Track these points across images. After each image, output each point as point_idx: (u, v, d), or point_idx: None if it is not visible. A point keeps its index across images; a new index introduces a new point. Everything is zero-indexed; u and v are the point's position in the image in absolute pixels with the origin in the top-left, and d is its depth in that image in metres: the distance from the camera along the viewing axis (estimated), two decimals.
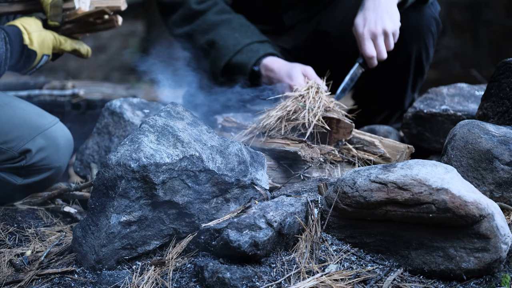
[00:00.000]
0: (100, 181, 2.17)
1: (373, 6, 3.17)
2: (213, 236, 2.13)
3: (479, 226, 2.02)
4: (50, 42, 2.72)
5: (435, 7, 3.49)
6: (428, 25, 3.46)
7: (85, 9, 2.72)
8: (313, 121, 2.65)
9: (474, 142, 2.31)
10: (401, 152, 2.71)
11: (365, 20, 3.16)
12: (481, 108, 2.70)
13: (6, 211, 2.66)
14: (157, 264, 2.17)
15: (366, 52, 3.14)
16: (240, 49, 3.36)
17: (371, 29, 3.13)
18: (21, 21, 2.68)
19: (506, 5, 8.02)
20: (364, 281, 2.05)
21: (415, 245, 2.10)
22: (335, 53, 3.56)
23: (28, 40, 2.65)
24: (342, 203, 2.15)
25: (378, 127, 3.26)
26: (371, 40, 3.15)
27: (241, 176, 2.28)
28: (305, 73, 3.21)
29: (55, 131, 2.65)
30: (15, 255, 2.37)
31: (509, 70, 2.61)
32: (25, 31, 2.66)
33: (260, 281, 2.03)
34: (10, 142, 2.57)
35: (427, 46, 3.51)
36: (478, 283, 2.05)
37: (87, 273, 2.20)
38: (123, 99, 3.14)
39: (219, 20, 3.43)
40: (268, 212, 2.14)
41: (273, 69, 3.29)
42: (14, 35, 2.63)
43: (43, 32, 2.70)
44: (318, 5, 3.59)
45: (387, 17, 3.14)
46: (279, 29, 3.62)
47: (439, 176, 2.06)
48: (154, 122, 2.25)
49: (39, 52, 2.68)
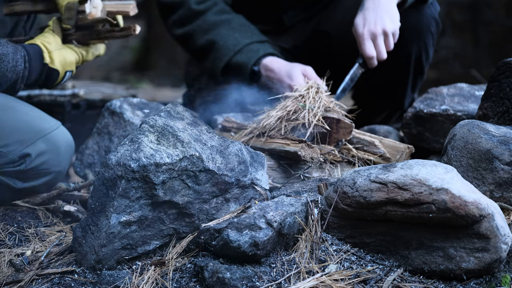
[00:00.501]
0: (100, 181, 2.18)
1: (373, 6, 3.16)
2: (213, 236, 2.13)
3: (479, 226, 2.02)
4: (72, 59, 2.73)
5: (434, 7, 3.49)
6: (427, 25, 3.46)
7: (96, 14, 2.71)
8: (313, 121, 2.65)
9: (474, 142, 2.31)
10: (401, 152, 2.71)
11: (365, 20, 3.16)
12: (481, 108, 2.70)
13: (6, 211, 2.66)
14: (157, 264, 2.17)
15: (366, 52, 3.14)
16: (240, 49, 3.36)
17: (371, 29, 3.13)
18: (41, 40, 2.70)
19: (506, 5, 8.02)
20: (364, 281, 2.05)
21: (415, 245, 2.10)
22: (335, 53, 3.56)
23: (49, 59, 2.68)
24: (342, 203, 2.15)
25: (378, 127, 3.25)
26: (371, 40, 3.14)
27: (241, 176, 2.28)
28: (305, 73, 3.21)
29: (56, 135, 2.65)
30: (15, 255, 2.37)
31: (509, 70, 2.61)
32: (46, 49, 2.68)
33: (260, 281, 2.03)
34: (10, 146, 2.57)
35: (427, 46, 3.51)
36: (478, 283, 2.05)
37: (87, 273, 2.20)
38: (123, 99, 3.14)
39: (219, 20, 3.43)
40: (268, 212, 2.14)
41: (273, 69, 3.29)
42: (35, 54, 2.65)
43: (63, 50, 2.72)
44: (317, 5, 3.59)
45: (387, 17, 3.14)
46: (279, 29, 3.62)
47: (439, 176, 2.06)
48: (154, 122, 2.25)
49: (62, 70, 2.71)
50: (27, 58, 2.62)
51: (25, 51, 2.63)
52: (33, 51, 2.65)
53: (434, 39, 3.52)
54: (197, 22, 3.46)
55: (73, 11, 2.72)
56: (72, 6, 2.72)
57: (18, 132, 2.59)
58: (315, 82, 2.82)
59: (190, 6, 3.47)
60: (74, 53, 2.74)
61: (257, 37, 3.40)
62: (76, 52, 2.75)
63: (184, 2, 3.48)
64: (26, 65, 2.62)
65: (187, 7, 3.48)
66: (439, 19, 3.53)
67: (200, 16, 3.46)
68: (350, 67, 3.23)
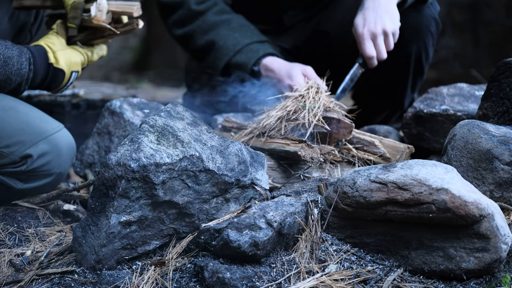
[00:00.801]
0: (100, 181, 2.17)
1: (373, 6, 3.16)
2: (213, 236, 2.13)
3: (479, 226, 2.02)
4: (78, 59, 2.73)
5: (434, 7, 3.49)
6: (427, 25, 3.45)
7: (101, 17, 2.70)
8: (313, 121, 2.65)
9: (474, 142, 2.31)
10: (401, 152, 2.71)
11: (364, 20, 3.16)
12: (481, 108, 2.70)
13: (6, 211, 2.66)
14: (157, 264, 2.17)
15: (366, 52, 3.14)
16: (240, 49, 3.36)
17: (371, 29, 3.13)
18: (45, 41, 2.70)
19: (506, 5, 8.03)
20: (364, 281, 2.05)
21: (415, 245, 2.10)
22: (335, 53, 3.55)
23: (54, 59, 2.67)
24: (342, 203, 2.15)
25: (378, 127, 3.25)
26: (371, 40, 3.14)
27: (241, 176, 2.28)
28: (305, 73, 3.21)
29: (58, 137, 2.65)
30: (15, 255, 2.37)
31: (509, 70, 2.61)
32: (50, 50, 2.68)
33: (260, 281, 2.03)
34: (12, 146, 2.57)
35: (427, 46, 3.50)
36: (478, 283, 2.05)
37: (87, 273, 2.20)
38: (123, 99, 3.13)
39: (219, 20, 3.43)
40: (268, 212, 2.14)
41: (273, 69, 3.29)
42: (39, 55, 2.65)
43: (68, 50, 2.71)
44: (317, 5, 3.59)
45: (387, 17, 3.14)
46: (279, 29, 3.62)
47: (439, 176, 2.06)
48: (154, 122, 2.25)
49: (67, 70, 2.71)
50: (32, 60, 2.62)
51: (30, 53, 2.62)
52: (38, 52, 2.65)
53: (434, 39, 3.52)
54: (197, 22, 3.46)
55: (78, 11, 2.71)
56: (78, 6, 2.71)
57: (19, 133, 2.59)
58: (315, 82, 2.82)
59: (190, 6, 3.47)
60: (79, 53, 2.74)
61: (257, 37, 3.40)
62: (81, 53, 2.75)
63: (184, 2, 3.48)
64: (30, 67, 2.62)
65: (187, 7, 3.48)
66: (439, 19, 3.53)
67: (200, 16, 3.46)
68: (350, 67, 3.23)
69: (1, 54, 2.54)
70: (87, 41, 2.78)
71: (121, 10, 2.75)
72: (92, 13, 2.70)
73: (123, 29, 2.77)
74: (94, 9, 2.70)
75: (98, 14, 2.70)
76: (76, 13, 2.71)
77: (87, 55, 2.77)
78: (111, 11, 2.74)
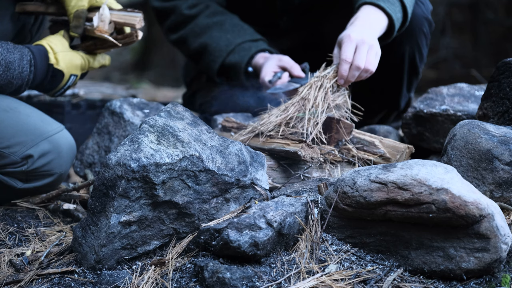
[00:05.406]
0: (100, 181, 2.18)
1: (361, 24, 3.00)
2: (213, 236, 2.13)
3: (479, 226, 2.02)
4: (78, 62, 2.73)
5: (426, 7, 3.45)
6: (419, 25, 3.41)
7: (103, 27, 2.70)
8: (312, 134, 2.63)
9: (474, 142, 2.31)
10: (401, 152, 2.71)
11: (352, 30, 2.98)
12: (481, 108, 2.70)
13: (6, 211, 2.66)
14: (157, 264, 2.17)
15: (343, 55, 2.86)
16: (233, 49, 3.33)
17: (357, 36, 2.94)
18: (48, 41, 2.70)
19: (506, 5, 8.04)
20: (364, 281, 2.05)
21: (415, 245, 2.10)
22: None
23: (54, 60, 2.67)
24: (342, 203, 2.15)
25: (378, 127, 3.25)
26: (355, 45, 2.87)
27: (241, 176, 2.29)
28: (281, 63, 3.15)
29: (59, 138, 2.66)
30: (15, 255, 2.37)
31: (509, 70, 2.61)
32: (51, 50, 2.68)
33: (260, 281, 2.03)
34: (13, 147, 2.58)
35: (420, 47, 3.48)
36: (478, 283, 2.05)
37: (87, 273, 2.20)
38: (123, 99, 3.13)
39: (211, 22, 3.41)
40: (268, 212, 2.14)
41: (261, 64, 3.24)
42: (40, 55, 2.65)
43: (69, 52, 2.71)
44: (312, 11, 3.56)
45: (373, 38, 2.94)
46: (276, 32, 3.59)
47: (439, 176, 2.06)
48: (154, 122, 2.25)
49: (67, 72, 2.71)
50: (33, 62, 2.62)
51: (31, 55, 2.63)
52: (39, 52, 2.65)
53: (428, 39, 3.49)
54: (189, 26, 3.45)
55: (81, 20, 2.71)
56: (81, 15, 2.71)
57: (20, 134, 2.59)
58: (320, 77, 2.79)
59: (182, 11, 3.46)
60: (80, 57, 2.74)
61: (250, 36, 3.36)
62: (82, 57, 2.75)
63: (176, 8, 3.47)
64: (31, 69, 2.62)
65: (179, 13, 3.46)
66: (432, 18, 3.49)
67: (192, 20, 3.44)
68: None
69: (3, 59, 2.54)
70: (90, 51, 2.79)
71: (123, 21, 2.74)
72: (94, 23, 2.70)
73: (123, 40, 2.76)
74: (97, 19, 2.70)
75: (101, 25, 2.70)
76: (78, 22, 2.71)
77: (88, 61, 2.77)
78: (113, 21, 2.73)
